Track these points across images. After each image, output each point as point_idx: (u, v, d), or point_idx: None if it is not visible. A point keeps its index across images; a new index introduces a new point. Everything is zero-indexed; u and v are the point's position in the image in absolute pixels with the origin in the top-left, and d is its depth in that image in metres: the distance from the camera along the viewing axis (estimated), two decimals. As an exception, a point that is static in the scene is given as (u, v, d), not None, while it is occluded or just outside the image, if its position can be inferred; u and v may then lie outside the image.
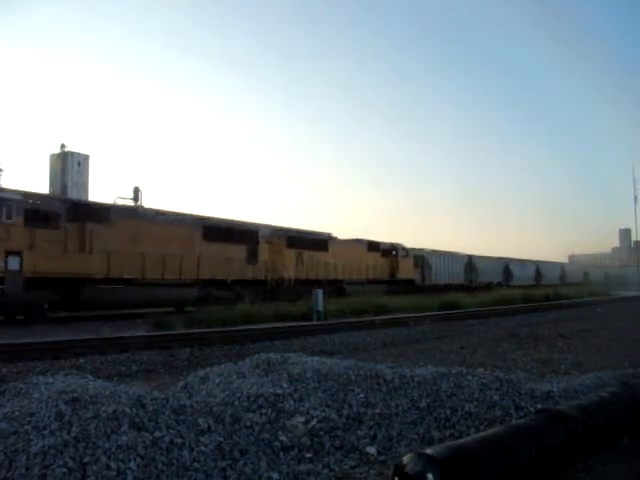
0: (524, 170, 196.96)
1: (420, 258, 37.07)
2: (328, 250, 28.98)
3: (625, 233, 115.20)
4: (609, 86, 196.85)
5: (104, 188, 73.90)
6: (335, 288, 27.57)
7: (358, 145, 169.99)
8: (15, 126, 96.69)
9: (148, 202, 23.35)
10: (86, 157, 24.70)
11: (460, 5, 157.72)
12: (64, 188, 22.56)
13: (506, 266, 47.16)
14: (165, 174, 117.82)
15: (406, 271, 34.77)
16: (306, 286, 25.02)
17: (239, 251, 23.00)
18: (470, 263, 42.62)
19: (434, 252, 39.84)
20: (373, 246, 33.26)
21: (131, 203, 21.83)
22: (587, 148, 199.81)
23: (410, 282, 34.68)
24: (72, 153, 24.37)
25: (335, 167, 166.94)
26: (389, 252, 34.39)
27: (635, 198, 59.27)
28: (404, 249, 35.28)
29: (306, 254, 27.10)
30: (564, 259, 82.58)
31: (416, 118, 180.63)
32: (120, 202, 21.48)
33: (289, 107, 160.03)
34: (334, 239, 31.49)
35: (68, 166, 23.73)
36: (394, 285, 32.82)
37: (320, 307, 17.55)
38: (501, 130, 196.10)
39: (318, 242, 29.12)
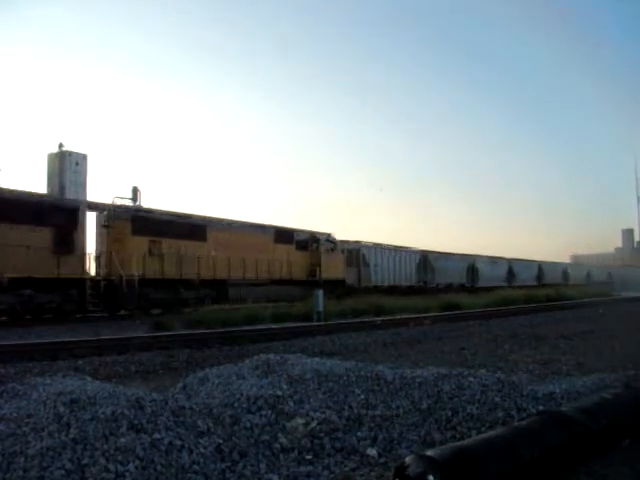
0: (525, 170, 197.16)
1: (355, 253, 29.62)
2: (207, 239, 21.43)
3: (628, 233, 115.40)
4: (611, 85, 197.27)
5: (103, 188, 73.63)
6: (214, 291, 21.44)
7: (357, 144, 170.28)
8: (13, 125, 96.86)
9: (147, 201, 23.24)
10: (84, 156, 24.69)
11: (459, 4, 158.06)
12: (62, 188, 22.54)
13: (471, 265, 41.44)
14: (164, 173, 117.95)
15: (332, 269, 27.08)
16: (166, 288, 19.67)
17: (37, 236, 15.99)
18: (425, 261, 35.87)
19: (377, 246, 32.49)
20: (284, 235, 25.63)
21: (130, 203, 21.71)
22: (589, 148, 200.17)
23: (339, 283, 27.21)
24: (70, 152, 24.32)
25: (335, 166, 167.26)
26: (307, 244, 26.82)
27: (638, 198, 58.88)
28: (330, 241, 27.79)
29: (167, 243, 19.77)
30: (566, 260, 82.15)
31: (416, 118, 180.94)
32: (119, 202, 21.32)
33: (288, 106, 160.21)
34: (220, 223, 23.21)
35: (66, 165, 23.68)
36: (315, 287, 24.28)
37: (320, 308, 17.57)
38: (501, 130, 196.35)
39: (189, 228, 21.07)
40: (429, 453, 2.83)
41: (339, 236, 29.73)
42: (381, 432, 4.19)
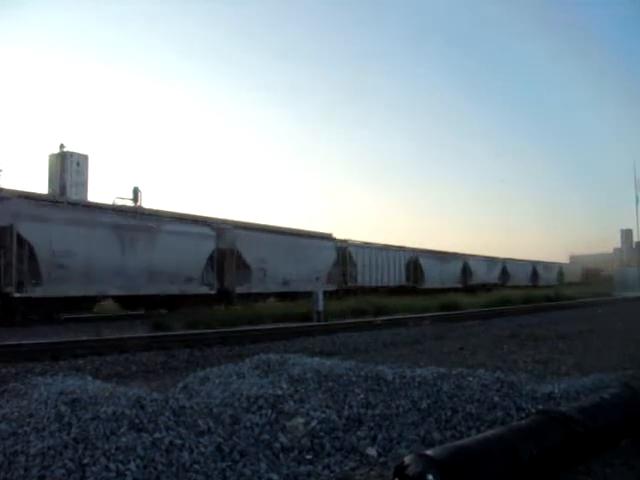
0: (524, 171, 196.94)
1: None
2: None
3: (626, 234, 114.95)
4: (610, 86, 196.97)
5: (103, 188, 73.62)
6: None
7: (358, 145, 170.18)
8: (14, 126, 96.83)
9: (148, 202, 23.14)
10: (85, 157, 24.75)
11: (458, 6, 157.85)
12: (63, 188, 22.59)
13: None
14: (165, 174, 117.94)
15: None
16: None
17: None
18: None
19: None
20: None
21: (130, 203, 21.68)
22: (588, 148, 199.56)
23: None
24: (71, 153, 24.42)
25: (335, 166, 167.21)
26: None
27: (636, 198, 58.37)
28: None
29: None
30: (565, 260, 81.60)
31: (416, 118, 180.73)
32: (119, 202, 21.28)
33: (288, 106, 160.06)
34: None
35: (67, 166, 23.79)
36: None
37: (320, 307, 17.54)
38: (501, 131, 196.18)
39: None
40: (428, 452, 2.84)
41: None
42: (381, 431, 4.20)
